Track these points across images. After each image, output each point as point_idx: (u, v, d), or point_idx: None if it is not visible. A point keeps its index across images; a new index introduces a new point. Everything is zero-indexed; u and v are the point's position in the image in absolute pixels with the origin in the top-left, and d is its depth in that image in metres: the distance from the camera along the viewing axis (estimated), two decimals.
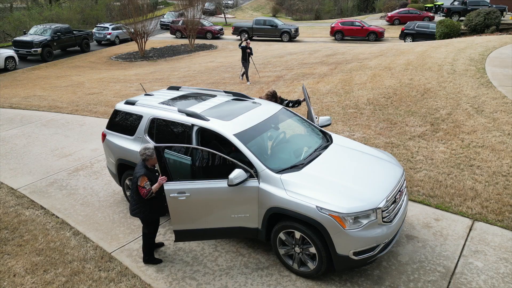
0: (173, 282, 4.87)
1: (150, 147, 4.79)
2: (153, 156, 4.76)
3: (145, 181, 4.72)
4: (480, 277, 4.72)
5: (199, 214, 4.85)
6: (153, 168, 4.90)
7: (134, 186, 4.80)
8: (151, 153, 4.76)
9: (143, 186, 4.71)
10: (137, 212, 4.90)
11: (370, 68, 14.22)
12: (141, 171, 4.76)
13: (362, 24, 31.13)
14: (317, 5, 54.94)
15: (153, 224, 5.05)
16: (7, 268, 5.20)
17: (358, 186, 4.65)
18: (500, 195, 6.21)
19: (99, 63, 25.32)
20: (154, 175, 4.86)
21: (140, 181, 4.72)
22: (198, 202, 4.79)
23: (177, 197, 4.75)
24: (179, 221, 4.91)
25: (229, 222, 4.91)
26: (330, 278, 4.81)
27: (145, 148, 4.78)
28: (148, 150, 4.77)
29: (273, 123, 5.58)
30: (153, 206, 4.89)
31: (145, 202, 4.84)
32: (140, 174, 4.73)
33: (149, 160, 4.79)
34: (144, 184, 4.71)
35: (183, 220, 4.89)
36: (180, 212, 4.84)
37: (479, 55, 14.38)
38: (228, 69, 18.05)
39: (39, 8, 41.38)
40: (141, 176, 4.73)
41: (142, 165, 4.81)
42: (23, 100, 13.94)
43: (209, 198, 4.77)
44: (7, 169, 8.06)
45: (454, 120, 9.04)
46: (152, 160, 4.80)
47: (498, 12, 25.60)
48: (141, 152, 4.77)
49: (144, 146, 4.81)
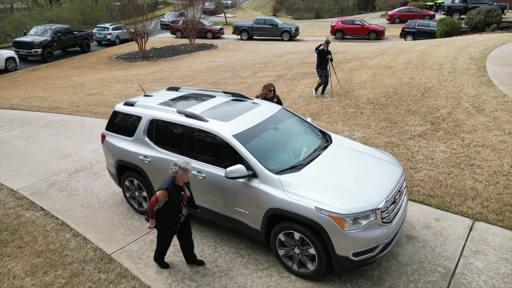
0: (173, 283, 4.86)
1: (178, 165, 4.46)
2: (178, 175, 4.46)
3: (163, 196, 4.47)
4: (480, 277, 4.71)
5: (210, 195, 5.24)
6: (180, 186, 4.60)
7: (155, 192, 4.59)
8: (176, 172, 4.45)
9: (157, 199, 4.47)
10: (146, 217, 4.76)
11: (371, 67, 14.19)
12: (166, 184, 4.49)
13: (363, 23, 31.09)
14: (317, 4, 54.86)
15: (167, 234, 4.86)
16: (7, 270, 5.20)
17: (358, 187, 4.64)
18: (501, 195, 6.19)
19: (100, 63, 25.33)
20: (179, 193, 4.58)
21: (158, 193, 4.46)
22: (210, 184, 5.16)
23: (197, 175, 5.22)
24: (197, 198, 5.40)
25: (232, 213, 5.12)
26: (329, 279, 4.80)
27: (174, 164, 4.49)
28: (174, 168, 4.46)
29: (273, 123, 5.56)
30: (169, 221, 4.67)
31: (162, 214, 4.61)
32: (162, 187, 4.47)
33: (177, 178, 4.51)
34: (159, 198, 4.46)
35: (199, 198, 5.39)
36: (198, 189, 5.32)
37: (480, 53, 14.35)
38: (228, 69, 18.04)
39: (39, 8, 41.42)
40: (162, 189, 4.46)
41: (170, 180, 4.53)
42: (23, 101, 13.95)
43: (219, 185, 5.06)
44: (7, 170, 8.07)
45: (454, 119, 9.02)
46: (179, 179, 4.51)
47: (499, 10, 25.54)
48: (170, 168, 4.52)
49: (174, 162, 4.52)
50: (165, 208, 4.60)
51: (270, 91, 7.18)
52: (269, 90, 7.18)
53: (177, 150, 5.48)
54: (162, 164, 5.58)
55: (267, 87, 7.22)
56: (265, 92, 7.20)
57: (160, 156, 5.61)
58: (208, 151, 5.20)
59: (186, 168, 4.50)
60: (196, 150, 5.29)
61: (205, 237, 5.68)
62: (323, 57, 10.93)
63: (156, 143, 5.70)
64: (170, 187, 4.50)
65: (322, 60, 10.95)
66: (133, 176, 6.08)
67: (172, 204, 4.57)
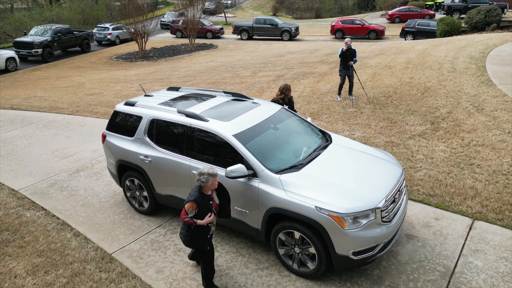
0: (173, 282, 4.88)
1: (205, 173, 4.22)
2: (208, 183, 4.23)
3: (192, 208, 4.24)
4: (479, 276, 4.73)
5: None
6: (209, 195, 4.38)
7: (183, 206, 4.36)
8: (206, 180, 4.21)
9: (187, 212, 4.22)
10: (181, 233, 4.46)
11: (370, 67, 14.20)
12: (193, 195, 4.25)
13: (363, 23, 31.11)
14: (317, 4, 54.88)
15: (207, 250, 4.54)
16: (8, 269, 5.22)
17: (358, 186, 4.65)
18: (500, 194, 6.21)
19: (100, 63, 25.34)
20: (207, 203, 4.33)
21: (186, 205, 4.22)
22: None
23: None
24: None
25: (233, 212, 5.13)
26: (329, 278, 4.82)
27: (200, 173, 4.22)
28: (203, 177, 4.20)
29: (273, 123, 5.58)
30: (197, 234, 4.39)
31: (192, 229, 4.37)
32: (190, 199, 4.23)
33: (206, 187, 4.28)
34: (189, 211, 4.22)
35: None
36: None
37: (480, 53, 14.36)
38: (228, 69, 18.05)
39: (39, 8, 41.44)
40: (190, 201, 4.22)
41: (197, 190, 4.29)
42: (24, 101, 13.97)
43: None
44: (8, 170, 8.09)
45: (454, 119, 9.03)
46: (208, 187, 4.29)
47: (499, 9, 25.55)
48: (196, 177, 4.25)
49: (199, 171, 4.24)
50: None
51: (289, 91, 7.08)
52: (289, 90, 7.08)
53: (177, 150, 5.50)
54: (163, 164, 5.60)
55: (287, 89, 7.03)
56: (286, 93, 7.04)
57: (160, 156, 5.63)
58: (209, 151, 5.22)
59: (215, 174, 4.27)
60: (197, 150, 5.31)
61: None
62: (345, 57, 10.39)
63: (157, 143, 5.72)
64: (198, 197, 4.26)
65: (345, 60, 10.43)
66: (134, 176, 6.11)
67: (202, 216, 4.32)
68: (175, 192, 5.69)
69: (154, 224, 6.07)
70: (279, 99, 7.09)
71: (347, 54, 10.35)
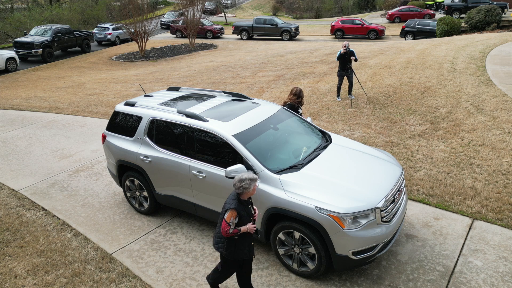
0: (173, 282, 4.89)
1: (246, 178, 3.98)
2: (250, 189, 3.98)
3: (233, 217, 3.97)
4: (479, 276, 4.73)
5: (210, 194, 5.26)
6: (247, 200, 4.12)
7: (221, 216, 4.07)
8: (248, 185, 3.96)
9: (229, 223, 3.94)
10: (220, 246, 4.16)
11: (370, 67, 14.21)
12: (232, 203, 4.00)
13: (363, 22, 31.11)
14: (317, 4, 54.87)
15: (236, 265, 4.26)
16: (9, 269, 5.23)
17: (357, 186, 4.66)
18: (500, 194, 6.21)
19: (100, 63, 25.35)
20: (247, 208, 4.09)
21: (227, 215, 3.96)
22: (210, 183, 5.18)
23: (197, 175, 5.25)
24: (198, 197, 5.45)
25: None
26: (329, 278, 4.83)
27: (240, 180, 3.96)
28: (245, 183, 3.95)
29: (272, 123, 5.59)
30: (240, 243, 4.12)
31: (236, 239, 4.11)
32: (230, 207, 3.98)
33: (246, 193, 4.02)
34: (230, 221, 3.95)
35: (200, 197, 5.43)
36: (199, 188, 5.35)
37: (480, 53, 14.36)
38: (228, 69, 18.06)
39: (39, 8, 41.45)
40: (230, 209, 3.97)
41: (235, 197, 4.04)
42: (24, 101, 13.98)
43: (219, 185, 5.08)
44: (8, 171, 8.10)
45: (454, 119, 9.04)
46: (249, 193, 4.03)
47: (499, 9, 25.55)
48: (236, 185, 3.96)
49: (239, 178, 3.98)
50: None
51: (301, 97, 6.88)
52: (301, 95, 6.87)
53: (177, 150, 5.51)
54: (163, 164, 5.61)
55: (300, 93, 6.83)
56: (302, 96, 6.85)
57: (160, 156, 5.64)
58: (208, 151, 5.22)
59: (255, 178, 4.05)
60: (197, 150, 5.32)
61: (205, 237, 5.71)
62: (344, 59, 10.47)
63: (157, 143, 5.73)
64: (238, 205, 4.01)
65: (344, 61, 10.52)
66: (134, 176, 6.11)
67: (244, 223, 4.05)
68: (175, 192, 5.70)
69: (154, 224, 6.08)
70: (295, 103, 6.83)
71: (345, 57, 10.44)
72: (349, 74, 10.66)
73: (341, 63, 10.57)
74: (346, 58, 10.46)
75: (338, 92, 10.99)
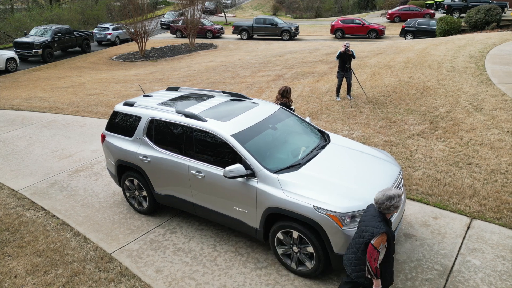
0: (172, 282, 4.91)
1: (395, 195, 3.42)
2: (399, 205, 3.43)
3: (383, 242, 3.42)
4: (477, 275, 4.74)
5: (209, 194, 5.27)
6: (390, 220, 3.62)
7: (365, 241, 3.50)
8: (398, 203, 3.41)
9: (378, 250, 3.36)
10: (360, 275, 3.63)
11: (370, 67, 14.21)
12: (380, 226, 3.42)
13: (363, 22, 31.10)
14: (317, 3, 54.86)
15: None
16: (8, 269, 5.25)
17: (355, 186, 4.67)
18: (499, 193, 6.22)
19: (100, 63, 25.37)
20: (392, 231, 3.52)
21: (376, 240, 3.37)
22: (209, 183, 5.20)
23: (196, 175, 5.27)
24: (197, 197, 5.48)
25: (231, 212, 5.17)
26: (328, 277, 4.84)
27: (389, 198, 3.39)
28: (395, 201, 3.39)
29: (271, 123, 5.60)
30: (383, 270, 3.61)
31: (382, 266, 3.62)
32: (381, 231, 3.39)
33: (394, 212, 3.49)
34: (380, 247, 3.40)
35: (199, 197, 5.44)
36: (198, 188, 5.37)
37: (479, 52, 14.36)
38: (228, 69, 18.07)
39: (39, 9, 41.46)
40: (382, 233, 3.39)
41: (381, 218, 3.46)
42: (24, 101, 14.00)
43: (218, 184, 5.10)
44: (8, 171, 8.12)
45: (453, 118, 9.05)
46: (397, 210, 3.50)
47: (499, 8, 25.53)
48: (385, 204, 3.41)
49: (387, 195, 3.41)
50: (386, 256, 3.56)
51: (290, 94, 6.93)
52: (289, 93, 6.92)
53: (176, 150, 5.52)
54: (162, 164, 5.63)
55: (287, 91, 6.87)
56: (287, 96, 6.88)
57: (159, 156, 5.65)
58: (207, 151, 5.24)
59: (401, 194, 3.54)
60: (195, 149, 5.33)
61: (204, 236, 5.73)
62: (343, 59, 10.45)
63: (156, 143, 5.74)
64: (386, 227, 3.45)
65: (343, 62, 10.49)
66: (133, 176, 6.13)
67: (393, 247, 3.54)
68: (174, 192, 5.72)
69: (154, 224, 6.09)
70: (283, 102, 6.86)
71: (345, 57, 10.41)
72: (348, 75, 10.66)
73: (340, 64, 10.58)
74: (346, 58, 10.46)
75: (337, 92, 11.00)
